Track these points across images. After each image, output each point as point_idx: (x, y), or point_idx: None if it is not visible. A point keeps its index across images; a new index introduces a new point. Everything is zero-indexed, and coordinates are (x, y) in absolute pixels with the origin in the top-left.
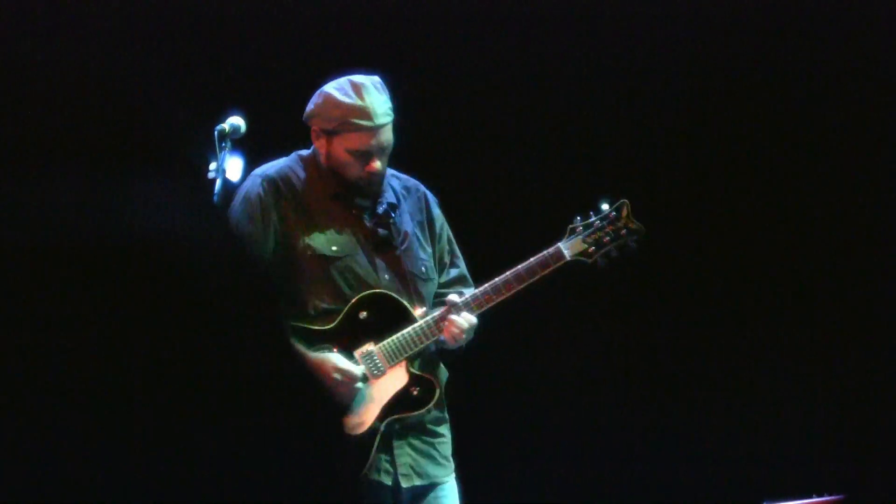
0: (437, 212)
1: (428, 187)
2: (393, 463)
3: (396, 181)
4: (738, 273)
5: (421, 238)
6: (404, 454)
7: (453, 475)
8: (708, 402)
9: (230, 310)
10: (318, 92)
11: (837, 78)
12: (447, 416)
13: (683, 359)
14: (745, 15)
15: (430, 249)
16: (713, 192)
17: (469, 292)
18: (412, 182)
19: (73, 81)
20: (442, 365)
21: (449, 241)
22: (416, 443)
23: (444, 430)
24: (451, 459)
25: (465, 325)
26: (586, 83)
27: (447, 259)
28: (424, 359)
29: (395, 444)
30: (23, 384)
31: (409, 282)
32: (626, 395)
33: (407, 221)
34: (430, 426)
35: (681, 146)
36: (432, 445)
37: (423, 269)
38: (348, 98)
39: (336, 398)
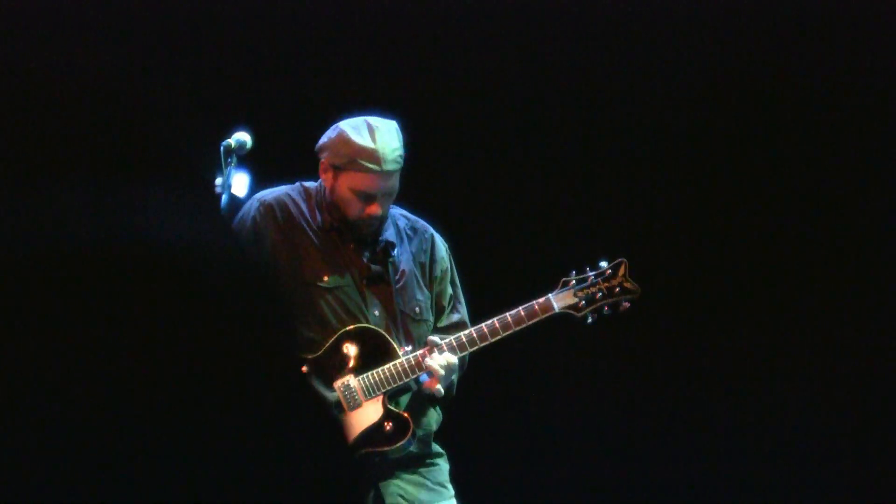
0: (440, 255)
1: (436, 229)
2: (379, 493)
3: (404, 221)
4: (747, 283)
5: (420, 279)
6: (391, 484)
7: (453, 501)
8: (716, 419)
9: (232, 323)
10: (333, 126)
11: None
12: (440, 450)
13: (689, 384)
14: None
15: (427, 292)
16: (728, 199)
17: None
18: (421, 224)
19: (83, 92)
20: (434, 407)
21: (453, 285)
22: (404, 473)
23: (436, 460)
24: (446, 486)
25: (444, 363)
26: (603, 126)
27: (446, 303)
28: (409, 398)
29: (381, 474)
30: (26, 388)
31: (399, 320)
32: (632, 415)
33: (406, 261)
34: (417, 459)
35: (691, 168)
36: (421, 474)
37: (416, 309)
38: (360, 138)
39: (314, 425)
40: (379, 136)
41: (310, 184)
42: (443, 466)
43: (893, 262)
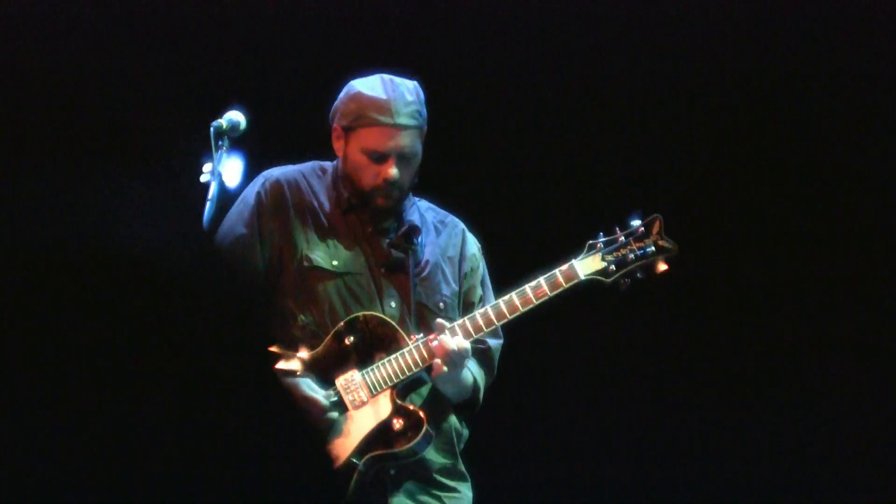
0: (471, 252)
1: (458, 213)
2: None
3: (433, 214)
4: (770, 277)
5: (448, 273)
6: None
7: None
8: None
9: (211, 328)
10: (345, 87)
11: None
12: (463, 470)
13: (716, 399)
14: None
15: (455, 287)
16: (755, 197)
17: (493, 342)
18: (451, 218)
19: (44, 68)
20: (460, 417)
21: (483, 285)
22: (418, 494)
23: (459, 485)
24: None
25: (454, 348)
26: (621, 90)
27: (475, 300)
28: (425, 397)
29: (390, 490)
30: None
31: (417, 314)
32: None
33: (432, 252)
34: (437, 476)
35: (717, 153)
36: (439, 499)
37: (440, 304)
38: (371, 91)
39: (311, 428)
40: (392, 88)
41: (326, 163)
42: (465, 495)
43: None
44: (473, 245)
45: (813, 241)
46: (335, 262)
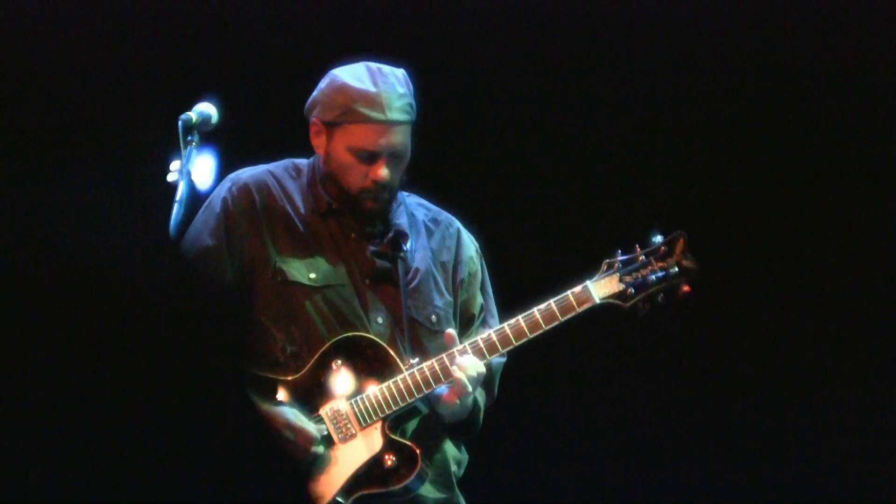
0: (468, 255)
1: (460, 217)
2: None
3: (423, 211)
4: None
5: (440, 281)
6: None
7: None
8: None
9: (179, 351)
10: (325, 75)
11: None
12: (461, 502)
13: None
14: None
15: (449, 297)
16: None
17: (494, 360)
18: (445, 216)
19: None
20: (457, 443)
21: (484, 293)
22: None
23: None
24: None
25: (473, 373)
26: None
27: (476, 311)
28: (417, 426)
29: None
30: None
31: (408, 330)
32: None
33: (423, 258)
34: None
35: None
36: None
37: (432, 318)
38: (359, 83)
39: (292, 462)
40: (381, 79)
41: (302, 160)
42: None
43: None
44: (470, 246)
45: (815, 246)
46: (313, 275)
